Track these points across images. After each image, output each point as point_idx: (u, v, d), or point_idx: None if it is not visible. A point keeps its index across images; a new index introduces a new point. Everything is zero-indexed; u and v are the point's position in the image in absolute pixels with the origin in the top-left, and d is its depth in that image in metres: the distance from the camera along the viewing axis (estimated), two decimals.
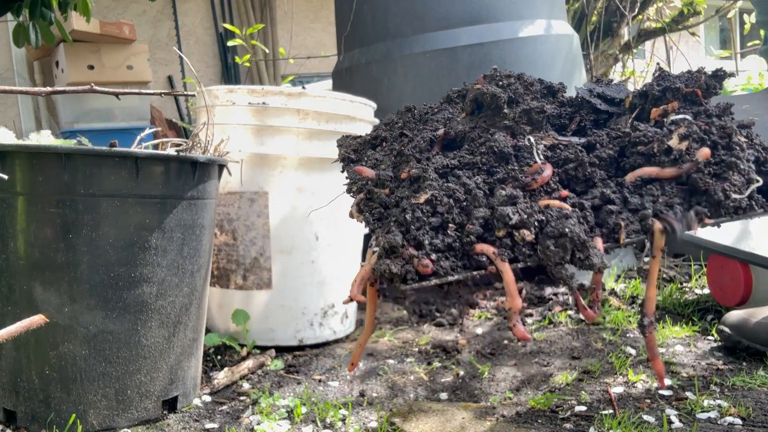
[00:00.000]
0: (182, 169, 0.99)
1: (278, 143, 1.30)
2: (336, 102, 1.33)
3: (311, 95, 1.30)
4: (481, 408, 1.04)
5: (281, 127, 1.29)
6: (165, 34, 4.38)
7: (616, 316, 1.51)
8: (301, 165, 1.32)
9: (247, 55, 2.85)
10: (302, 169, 1.32)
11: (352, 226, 1.44)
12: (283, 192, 1.32)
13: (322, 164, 1.34)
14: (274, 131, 1.30)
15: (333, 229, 1.37)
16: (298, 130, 1.30)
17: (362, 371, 1.23)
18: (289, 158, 1.31)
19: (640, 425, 0.96)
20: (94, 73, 3.24)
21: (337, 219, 1.38)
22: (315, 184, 1.34)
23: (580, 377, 1.17)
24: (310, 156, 1.31)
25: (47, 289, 0.92)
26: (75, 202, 0.91)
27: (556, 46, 1.87)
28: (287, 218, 1.32)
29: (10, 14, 1.63)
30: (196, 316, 1.07)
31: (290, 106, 1.29)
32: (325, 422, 1.00)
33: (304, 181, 1.33)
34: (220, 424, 1.00)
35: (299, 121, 1.29)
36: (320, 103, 1.31)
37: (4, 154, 0.91)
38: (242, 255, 1.33)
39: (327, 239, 1.36)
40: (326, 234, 1.36)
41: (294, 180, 1.32)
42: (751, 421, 0.97)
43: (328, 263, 1.38)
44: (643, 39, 3.01)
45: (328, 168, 1.35)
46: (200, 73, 4.50)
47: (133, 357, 0.97)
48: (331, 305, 1.39)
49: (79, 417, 0.94)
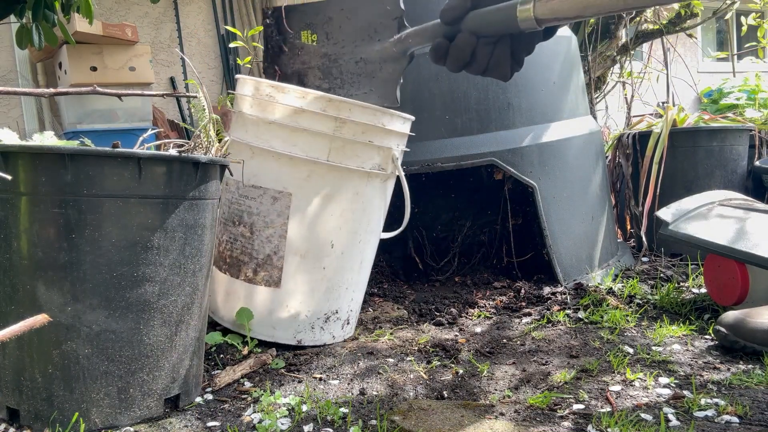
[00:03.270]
0: (184, 170, 1.00)
1: (311, 148, 1.28)
2: (375, 113, 1.29)
3: (351, 104, 1.26)
4: (480, 406, 1.05)
5: (317, 133, 1.27)
6: (167, 35, 4.40)
7: (614, 315, 1.52)
8: (330, 173, 1.30)
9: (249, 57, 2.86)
10: (330, 177, 1.30)
11: (369, 238, 1.43)
12: (306, 196, 1.31)
13: (350, 174, 1.32)
14: (309, 135, 1.27)
15: (349, 239, 1.37)
16: (333, 138, 1.27)
17: (362, 370, 1.24)
18: (319, 164, 1.29)
19: (638, 423, 0.97)
20: (96, 74, 3.25)
21: (355, 230, 1.37)
22: (339, 193, 1.32)
23: (579, 376, 1.18)
24: (340, 165, 1.29)
25: (50, 289, 0.93)
26: (78, 202, 0.92)
27: (555, 47, 1.88)
28: (306, 222, 1.32)
29: (13, 16, 1.64)
30: (197, 315, 1.08)
31: (329, 113, 1.25)
32: (326, 420, 1.01)
33: (329, 189, 1.31)
34: (221, 422, 1.01)
35: (335, 129, 1.27)
36: (359, 113, 1.27)
37: (8, 155, 0.92)
38: (256, 249, 1.33)
39: (341, 248, 1.36)
40: (341, 243, 1.36)
41: (320, 186, 1.30)
42: (748, 420, 0.98)
43: (339, 271, 1.37)
44: (641, 41, 3.02)
45: (356, 179, 1.33)
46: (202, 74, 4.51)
47: (135, 356, 0.98)
48: (335, 311, 1.40)
49: (81, 415, 0.95)
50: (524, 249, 1.99)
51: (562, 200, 1.80)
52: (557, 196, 1.78)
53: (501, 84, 1.74)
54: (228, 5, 4.56)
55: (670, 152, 2.28)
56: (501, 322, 1.56)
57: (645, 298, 1.70)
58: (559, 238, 1.78)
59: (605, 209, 2.02)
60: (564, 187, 1.81)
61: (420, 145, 1.76)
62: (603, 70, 2.98)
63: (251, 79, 1.31)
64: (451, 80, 1.75)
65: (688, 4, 2.86)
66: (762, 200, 2.19)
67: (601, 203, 1.98)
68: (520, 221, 2.04)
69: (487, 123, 1.74)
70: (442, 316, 1.60)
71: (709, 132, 2.32)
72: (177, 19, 4.41)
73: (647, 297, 1.71)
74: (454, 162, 1.72)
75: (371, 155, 1.33)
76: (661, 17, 2.98)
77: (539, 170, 1.76)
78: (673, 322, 1.51)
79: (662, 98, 3.50)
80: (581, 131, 1.92)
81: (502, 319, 1.57)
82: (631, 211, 2.45)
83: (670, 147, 2.28)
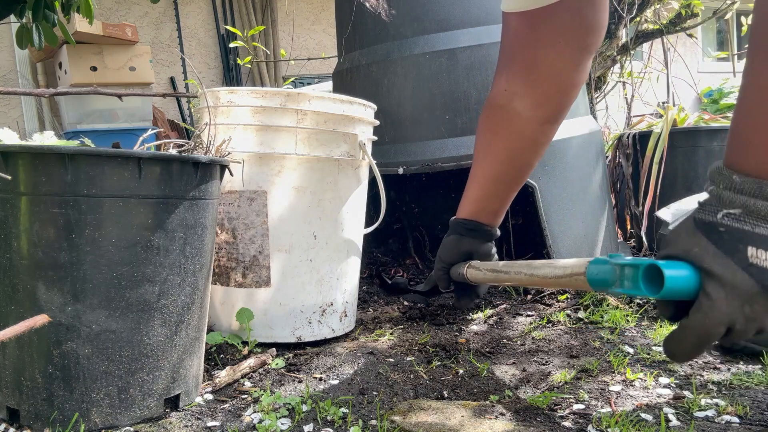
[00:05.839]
0: (184, 170, 1.00)
1: (277, 143, 1.31)
2: (335, 103, 1.34)
3: (309, 95, 1.31)
4: (480, 406, 1.05)
5: (280, 127, 1.31)
6: (167, 35, 4.40)
7: (614, 315, 1.52)
8: (300, 165, 1.33)
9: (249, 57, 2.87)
10: (301, 169, 1.33)
11: (352, 225, 1.45)
12: (281, 191, 1.33)
13: (321, 164, 1.35)
14: (273, 131, 1.31)
15: (332, 228, 1.38)
16: (297, 130, 1.31)
17: (362, 370, 1.24)
18: (288, 158, 1.32)
19: (638, 423, 0.96)
20: (96, 74, 3.25)
21: (336, 219, 1.39)
22: (314, 184, 1.35)
23: (579, 376, 1.18)
24: (308, 156, 1.33)
25: (50, 289, 0.93)
26: (78, 202, 0.92)
27: None
28: (286, 217, 1.34)
29: (13, 16, 1.64)
30: (198, 315, 1.08)
31: (289, 106, 1.30)
32: (326, 420, 1.01)
33: (302, 181, 1.34)
34: (221, 422, 1.01)
35: (298, 121, 1.31)
36: (319, 104, 1.32)
37: (8, 155, 0.92)
38: (242, 253, 1.34)
39: (325, 238, 1.37)
40: (325, 233, 1.37)
41: (293, 180, 1.33)
42: (749, 420, 0.98)
43: (327, 262, 1.39)
44: (641, 41, 3.02)
45: (327, 168, 1.36)
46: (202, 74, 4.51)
47: (135, 356, 0.98)
48: (330, 303, 1.41)
49: (81, 415, 0.95)
50: (524, 249, 1.99)
51: (562, 200, 1.80)
52: (557, 195, 1.78)
53: None
54: (228, 5, 4.56)
55: (670, 152, 2.28)
56: (501, 322, 1.56)
57: (645, 298, 1.70)
58: (559, 238, 1.78)
59: (605, 209, 2.02)
60: (564, 187, 1.81)
61: (420, 145, 1.76)
62: (603, 70, 2.98)
63: (210, 91, 1.35)
64: (451, 80, 1.75)
65: (688, 4, 2.86)
66: None
67: (601, 203, 1.98)
68: (520, 221, 2.04)
69: None
70: (442, 316, 1.60)
71: (709, 132, 2.32)
72: (177, 19, 4.41)
73: (648, 297, 1.71)
74: (454, 162, 1.72)
75: (338, 143, 1.36)
76: (662, 17, 2.98)
77: (539, 170, 1.76)
78: None
79: (662, 98, 3.51)
80: (581, 131, 1.92)
81: (502, 319, 1.57)
82: (631, 211, 2.45)
83: (671, 147, 2.28)
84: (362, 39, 1.92)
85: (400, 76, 1.80)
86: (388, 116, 1.81)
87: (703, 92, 5.21)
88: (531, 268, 1.08)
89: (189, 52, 4.37)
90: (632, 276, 0.76)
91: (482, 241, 1.38)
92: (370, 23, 1.88)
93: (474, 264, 1.33)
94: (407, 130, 1.81)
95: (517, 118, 1.24)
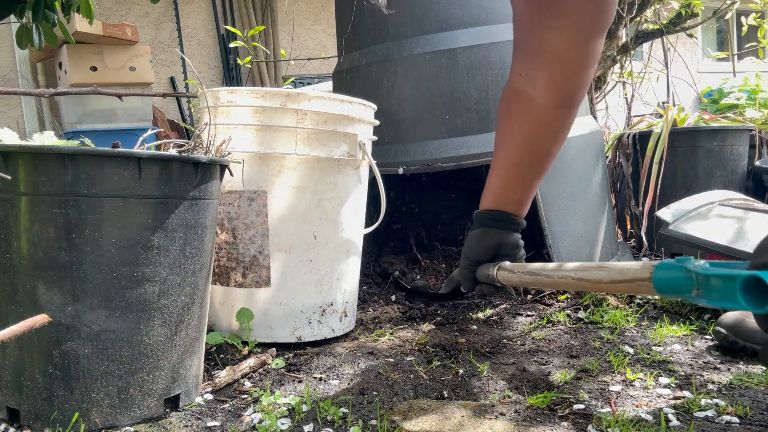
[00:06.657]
0: (184, 170, 1.00)
1: (277, 143, 1.31)
2: (334, 103, 1.34)
3: (309, 95, 1.31)
4: (480, 406, 1.05)
5: (280, 127, 1.31)
6: (167, 35, 4.40)
7: (614, 315, 1.52)
8: (300, 165, 1.33)
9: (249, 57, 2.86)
10: (301, 169, 1.33)
11: (352, 225, 1.45)
12: (281, 191, 1.33)
13: (321, 164, 1.35)
14: (273, 131, 1.31)
15: (332, 228, 1.38)
16: (297, 130, 1.31)
17: (362, 370, 1.24)
18: (288, 158, 1.32)
19: (638, 423, 0.96)
20: (96, 74, 3.25)
21: (336, 219, 1.39)
22: (314, 184, 1.35)
23: (579, 376, 1.18)
24: (308, 156, 1.33)
25: (50, 289, 0.93)
26: (78, 202, 0.92)
27: None
28: (286, 217, 1.34)
29: (13, 16, 1.64)
30: (198, 315, 1.08)
31: (289, 106, 1.30)
32: (326, 420, 1.01)
33: (302, 181, 1.34)
34: (221, 422, 1.01)
35: (298, 121, 1.31)
36: (319, 103, 1.32)
37: (8, 155, 0.92)
38: (242, 253, 1.34)
39: (325, 238, 1.37)
40: (325, 233, 1.37)
41: (293, 180, 1.33)
42: (749, 420, 0.98)
43: (327, 262, 1.39)
44: (641, 41, 3.02)
45: (327, 168, 1.36)
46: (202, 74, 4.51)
47: (135, 355, 0.98)
48: (330, 303, 1.41)
49: (81, 415, 0.95)
50: (524, 249, 1.99)
51: (562, 200, 1.80)
52: (557, 195, 1.78)
53: (501, 84, 1.74)
54: (228, 5, 4.56)
55: (670, 152, 2.28)
56: (501, 321, 1.56)
57: (645, 298, 1.70)
58: (559, 238, 1.78)
59: (605, 209, 2.02)
60: (564, 187, 1.81)
61: (420, 145, 1.76)
62: (603, 70, 2.98)
63: (210, 91, 1.35)
64: (451, 80, 1.75)
65: (688, 3, 2.86)
66: (762, 200, 2.19)
67: (601, 203, 1.98)
68: None
69: (487, 123, 1.74)
70: (442, 316, 1.60)
71: (709, 132, 2.32)
72: (177, 19, 4.41)
73: (647, 297, 1.71)
74: (454, 162, 1.72)
75: (338, 143, 1.36)
76: (662, 17, 2.98)
77: None
78: (674, 322, 1.51)
79: (662, 98, 3.51)
80: (581, 131, 1.92)
81: (502, 319, 1.58)
82: (631, 211, 2.45)
83: (670, 147, 2.28)
84: (362, 39, 1.92)
85: (400, 76, 1.80)
86: (388, 116, 1.81)
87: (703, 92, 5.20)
88: (580, 272, 0.99)
89: (189, 52, 4.37)
90: (725, 288, 0.70)
91: (509, 231, 1.28)
92: (370, 23, 1.88)
93: (506, 266, 1.21)
94: (407, 130, 1.81)
95: (531, 102, 1.21)
